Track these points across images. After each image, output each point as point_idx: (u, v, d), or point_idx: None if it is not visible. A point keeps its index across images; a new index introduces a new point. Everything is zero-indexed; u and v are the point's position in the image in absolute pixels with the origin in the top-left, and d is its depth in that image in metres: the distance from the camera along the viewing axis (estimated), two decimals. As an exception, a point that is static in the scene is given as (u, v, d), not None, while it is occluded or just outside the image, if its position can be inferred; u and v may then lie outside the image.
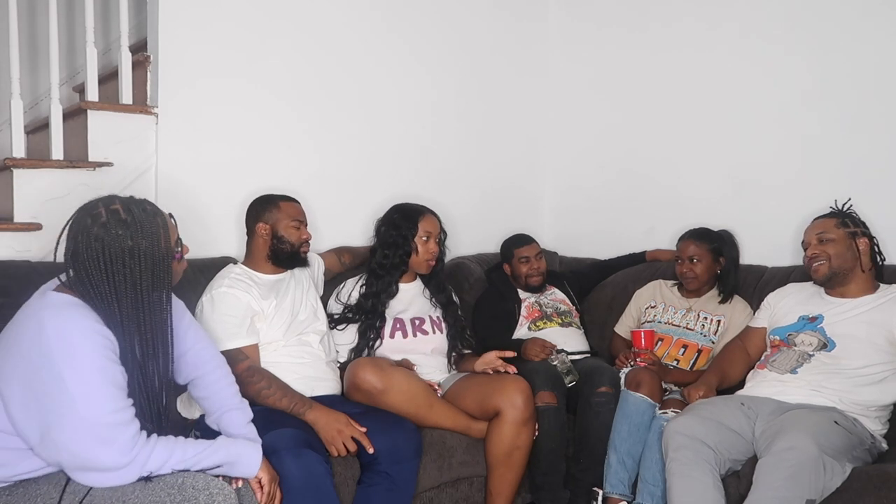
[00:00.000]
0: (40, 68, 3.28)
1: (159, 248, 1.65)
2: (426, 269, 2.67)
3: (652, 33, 3.37)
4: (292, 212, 2.44)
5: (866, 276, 2.35)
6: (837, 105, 2.80)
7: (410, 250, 2.62)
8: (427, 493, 2.35)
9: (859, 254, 2.33)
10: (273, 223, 2.40)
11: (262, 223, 2.40)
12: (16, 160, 2.41)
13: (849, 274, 2.34)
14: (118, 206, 1.64)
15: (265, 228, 2.40)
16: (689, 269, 2.80)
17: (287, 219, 2.42)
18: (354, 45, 3.09)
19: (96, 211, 1.63)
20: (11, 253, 2.36)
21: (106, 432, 1.50)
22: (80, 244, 1.60)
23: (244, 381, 2.16)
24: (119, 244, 1.60)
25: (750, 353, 2.54)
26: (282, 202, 2.44)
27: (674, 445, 2.16)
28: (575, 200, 3.70)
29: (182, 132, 2.67)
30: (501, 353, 2.48)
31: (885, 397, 2.24)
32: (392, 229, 2.64)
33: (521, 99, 3.68)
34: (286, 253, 2.42)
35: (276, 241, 2.40)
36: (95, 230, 1.60)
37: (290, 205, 2.46)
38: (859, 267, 2.34)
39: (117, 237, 1.60)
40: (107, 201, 1.66)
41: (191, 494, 1.55)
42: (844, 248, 2.33)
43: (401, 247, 2.62)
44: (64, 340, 1.51)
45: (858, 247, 2.33)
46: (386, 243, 2.64)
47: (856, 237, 2.34)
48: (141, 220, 1.64)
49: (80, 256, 1.59)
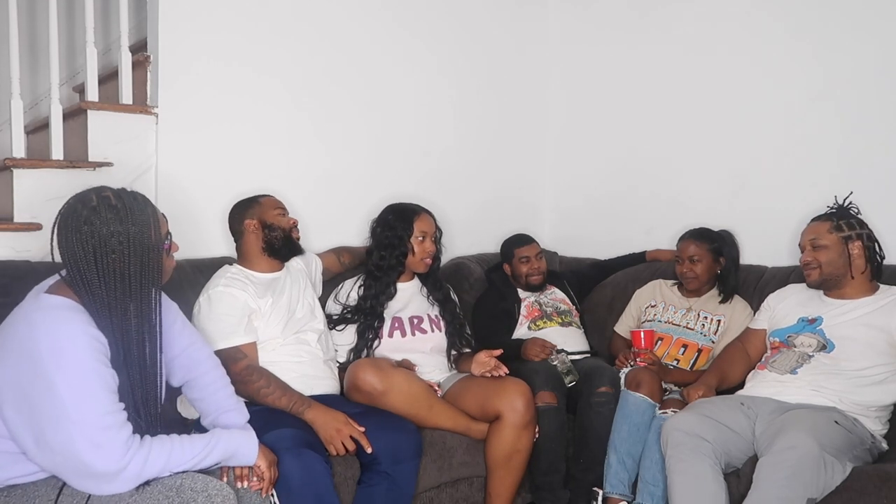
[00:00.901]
0: (40, 68, 3.28)
1: (148, 235, 1.63)
2: (423, 268, 2.67)
3: (652, 35, 3.37)
4: (272, 203, 2.47)
5: (863, 279, 2.34)
6: (838, 105, 2.80)
7: (407, 251, 2.62)
8: (427, 494, 2.35)
9: (850, 259, 2.32)
10: (259, 216, 2.42)
11: (248, 220, 2.41)
12: (16, 160, 2.42)
13: (842, 279, 2.34)
14: (109, 194, 1.63)
15: (253, 223, 2.41)
16: (690, 269, 2.80)
17: (270, 209, 2.44)
18: (357, 49, 3.09)
19: (87, 197, 1.62)
20: (11, 253, 2.36)
21: (98, 436, 1.49)
22: (69, 229, 1.58)
23: (243, 380, 2.16)
24: (108, 228, 1.58)
25: (750, 355, 2.53)
26: (260, 198, 2.47)
27: (672, 442, 2.16)
28: (575, 200, 3.70)
29: (182, 132, 2.67)
30: (491, 353, 2.47)
31: (885, 398, 2.24)
32: (387, 230, 2.64)
33: (521, 100, 3.67)
34: (280, 240, 2.42)
35: (267, 230, 2.41)
36: (85, 213, 1.58)
37: (268, 198, 2.48)
38: (850, 273, 2.33)
39: (106, 220, 1.58)
40: (98, 190, 1.65)
41: (189, 497, 1.55)
42: (836, 255, 2.32)
43: (397, 247, 2.62)
44: (55, 343, 1.50)
45: (851, 251, 2.32)
46: (382, 244, 2.64)
47: (849, 241, 2.32)
48: (131, 206, 1.63)
49: (70, 241, 1.57)
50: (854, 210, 2.40)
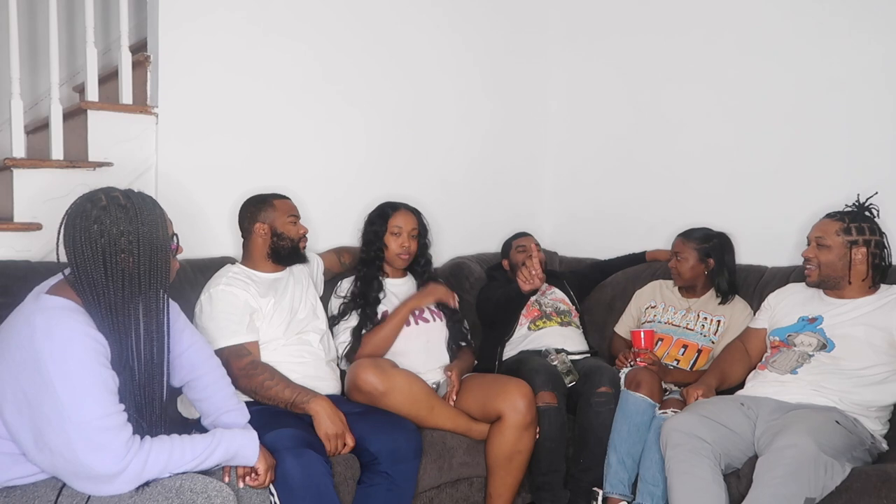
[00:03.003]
0: (40, 68, 3.28)
1: (157, 236, 1.63)
2: (401, 263, 2.68)
3: (652, 35, 3.37)
4: (287, 208, 2.45)
5: (862, 284, 2.32)
6: (840, 105, 2.80)
7: (383, 246, 2.65)
8: (427, 494, 2.35)
9: (851, 264, 2.31)
10: (270, 221, 2.41)
11: (259, 223, 2.40)
12: (16, 160, 2.41)
13: (840, 282, 2.34)
14: (118, 194, 1.63)
15: (263, 228, 2.40)
16: (675, 266, 2.83)
17: (283, 215, 2.43)
18: (357, 47, 3.09)
19: (96, 197, 1.61)
20: (11, 253, 2.36)
21: (98, 437, 1.48)
22: (77, 228, 1.57)
23: (247, 374, 2.17)
24: (118, 227, 1.57)
25: (750, 354, 2.53)
26: (275, 200, 2.45)
27: (672, 443, 2.16)
28: (575, 201, 3.70)
29: (182, 132, 2.67)
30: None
31: (885, 398, 2.24)
32: (368, 226, 2.70)
33: (521, 100, 3.67)
34: (286, 249, 2.43)
35: (276, 238, 2.41)
36: (95, 213, 1.57)
37: (284, 202, 2.47)
38: (848, 278, 2.32)
39: (116, 220, 1.58)
40: (107, 190, 1.64)
41: (189, 498, 1.55)
42: (836, 259, 2.31)
43: (374, 243, 2.66)
44: (55, 344, 1.49)
45: (853, 257, 2.30)
46: (363, 240, 2.70)
47: (854, 246, 2.30)
48: (140, 206, 1.62)
49: (78, 240, 1.56)
50: (874, 210, 2.36)
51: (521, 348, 2.87)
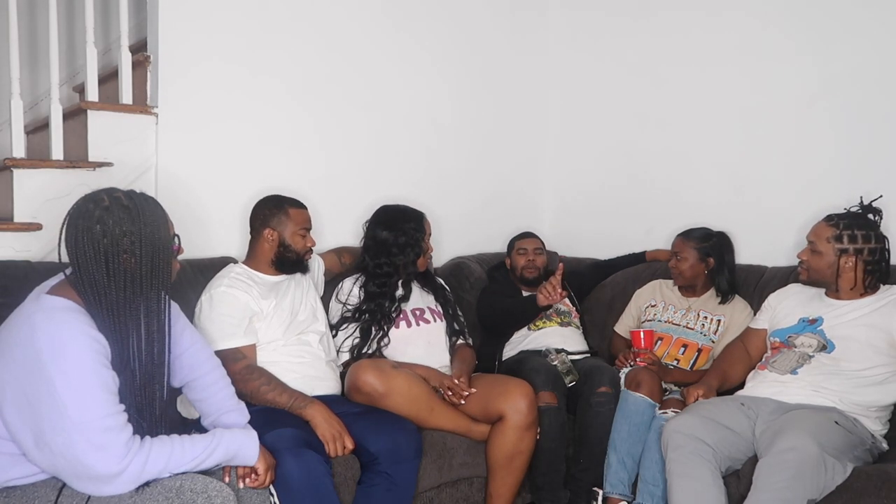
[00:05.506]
0: (40, 68, 3.27)
1: (159, 236, 1.63)
2: (423, 267, 2.71)
3: (652, 35, 3.37)
4: (301, 220, 2.43)
5: (852, 291, 2.32)
6: (839, 105, 2.79)
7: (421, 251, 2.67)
8: (427, 494, 2.35)
9: (839, 272, 2.30)
10: (281, 230, 2.39)
11: (269, 229, 2.39)
12: (16, 160, 2.41)
13: (830, 285, 2.34)
14: (120, 195, 1.63)
15: (272, 234, 2.39)
16: (675, 266, 2.83)
17: (295, 227, 2.41)
18: (358, 48, 3.08)
19: (98, 197, 1.61)
20: (11, 253, 2.36)
21: (98, 437, 1.48)
22: (80, 229, 1.57)
23: (242, 379, 2.16)
24: (120, 228, 1.57)
25: (751, 355, 2.53)
26: (291, 209, 2.42)
27: (673, 444, 2.16)
28: (575, 201, 3.70)
29: (182, 132, 2.67)
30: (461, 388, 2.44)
31: (885, 398, 2.24)
32: (401, 235, 2.64)
33: (520, 100, 3.67)
34: (290, 261, 2.42)
35: (283, 248, 2.40)
36: (98, 213, 1.57)
37: (299, 212, 2.44)
38: (836, 284, 2.32)
39: (119, 220, 1.58)
40: (109, 190, 1.64)
41: (189, 497, 1.55)
42: (825, 266, 2.31)
43: (412, 249, 2.64)
44: (55, 344, 1.49)
45: (842, 265, 2.29)
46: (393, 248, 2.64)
47: (844, 254, 2.29)
48: (143, 207, 1.62)
49: (80, 240, 1.56)
50: (878, 213, 2.34)
51: (521, 348, 2.88)
